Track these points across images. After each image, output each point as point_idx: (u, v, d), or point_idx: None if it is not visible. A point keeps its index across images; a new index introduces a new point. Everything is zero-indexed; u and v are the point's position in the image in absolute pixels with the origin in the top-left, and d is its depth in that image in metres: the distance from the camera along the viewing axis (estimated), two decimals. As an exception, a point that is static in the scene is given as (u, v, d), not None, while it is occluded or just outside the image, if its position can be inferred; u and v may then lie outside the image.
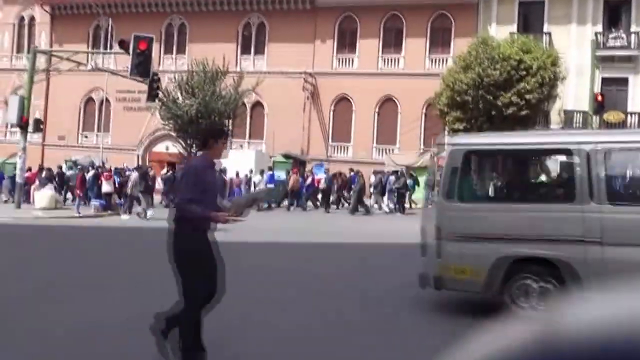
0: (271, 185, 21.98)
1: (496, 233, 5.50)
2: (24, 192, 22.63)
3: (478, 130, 23.30)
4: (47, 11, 35.45)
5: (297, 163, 27.78)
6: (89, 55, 31.77)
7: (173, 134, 32.06)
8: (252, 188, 22.98)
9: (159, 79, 23.46)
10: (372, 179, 23.31)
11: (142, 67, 16.25)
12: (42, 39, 36.06)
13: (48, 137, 35.51)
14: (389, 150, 29.59)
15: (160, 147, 34.14)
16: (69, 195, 20.71)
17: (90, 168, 25.66)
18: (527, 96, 22.11)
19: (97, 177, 17.57)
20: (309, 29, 30.67)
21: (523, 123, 23.53)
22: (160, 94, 27.84)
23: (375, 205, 21.71)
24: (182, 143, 28.33)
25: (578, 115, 26.56)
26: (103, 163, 29.50)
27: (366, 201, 21.33)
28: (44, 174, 20.98)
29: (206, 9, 32.65)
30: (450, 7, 28.23)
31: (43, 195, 17.63)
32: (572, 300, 0.66)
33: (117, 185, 17.93)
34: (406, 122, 29.11)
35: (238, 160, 24.88)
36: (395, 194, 21.28)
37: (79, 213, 16.23)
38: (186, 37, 33.16)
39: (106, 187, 17.21)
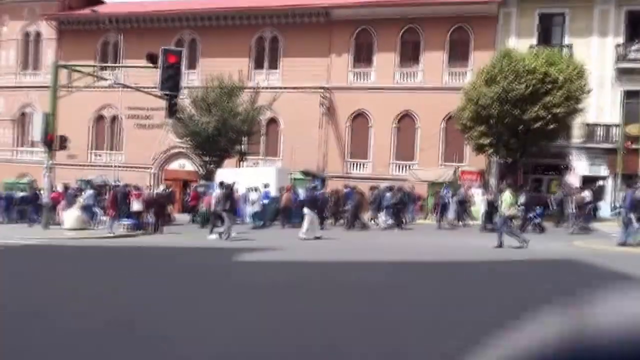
0: (265, 202, 21.56)
1: None
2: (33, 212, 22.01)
3: (504, 146, 22.94)
4: (53, 26, 34.86)
5: (317, 179, 27.15)
6: (110, 70, 31.04)
7: (189, 151, 31.59)
8: (250, 205, 22.45)
9: (177, 95, 22.87)
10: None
11: (171, 82, 15.72)
12: (49, 55, 35.44)
13: (58, 156, 34.53)
14: (408, 166, 29.07)
15: (174, 165, 33.51)
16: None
17: (110, 187, 25.12)
18: (554, 110, 21.69)
19: (126, 196, 16.92)
20: (323, 42, 30.25)
21: (549, 137, 23.16)
22: (174, 111, 27.45)
23: (372, 222, 21.11)
24: (199, 160, 27.75)
25: (600, 129, 26.23)
26: (118, 181, 28.89)
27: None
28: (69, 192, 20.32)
29: (217, 23, 32.22)
30: (469, 20, 27.89)
31: (71, 216, 16.98)
32: (604, 296, 0.58)
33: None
34: (425, 138, 28.64)
35: (258, 177, 24.23)
36: (392, 209, 20.85)
37: (113, 232, 15.57)
38: (197, 52, 32.64)
39: (136, 206, 16.61)
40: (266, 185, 22.87)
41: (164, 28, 33.19)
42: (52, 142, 17.50)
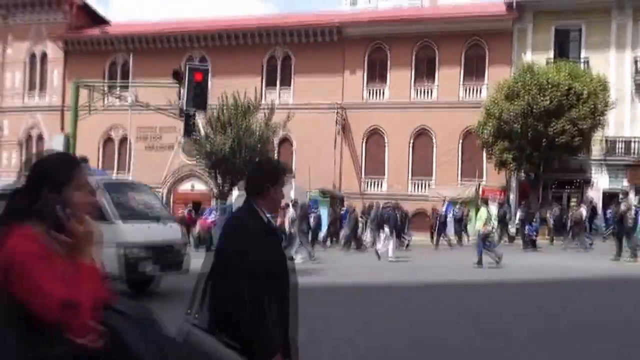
0: None
1: None
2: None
3: (526, 161, 22.61)
4: (60, 47, 34.45)
5: (335, 199, 26.72)
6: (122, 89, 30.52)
7: (202, 172, 31.02)
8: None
9: (194, 114, 22.42)
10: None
11: (198, 100, 15.24)
12: (55, 76, 35.03)
13: (64, 177, 34.10)
14: (426, 183, 28.70)
15: (185, 186, 32.95)
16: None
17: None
18: (580, 123, 21.46)
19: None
20: (337, 60, 30.02)
21: (571, 152, 22.90)
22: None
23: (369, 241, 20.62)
24: (213, 181, 27.19)
25: (621, 143, 26.02)
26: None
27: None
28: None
29: (228, 42, 31.95)
30: (484, 35, 27.79)
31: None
32: None
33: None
34: (442, 154, 28.30)
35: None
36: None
37: None
38: (209, 71, 32.17)
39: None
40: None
41: (174, 48, 32.88)
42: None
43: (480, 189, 24.75)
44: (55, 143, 16.97)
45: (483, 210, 13.55)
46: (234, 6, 60.58)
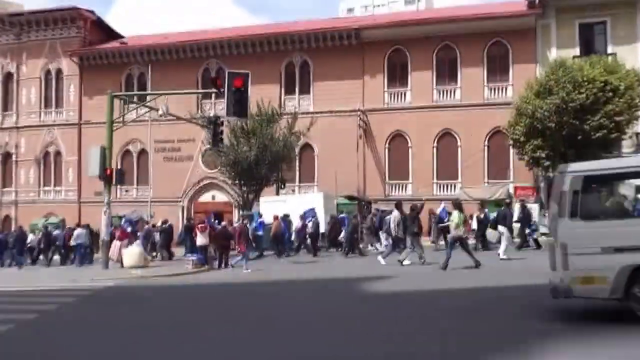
0: (260, 232, 20.63)
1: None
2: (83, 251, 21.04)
3: (561, 158, 22.02)
4: (75, 62, 34.29)
5: (362, 203, 26.25)
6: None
7: (223, 182, 30.65)
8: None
9: (222, 123, 22.11)
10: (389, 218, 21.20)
11: (239, 106, 14.88)
12: (71, 92, 34.86)
13: (84, 193, 33.80)
14: (452, 185, 28.20)
15: (206, 197, 32.54)
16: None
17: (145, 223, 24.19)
18: (617, 118, 20.94)
19: (190, 230, 15.85)
20: (356, 64, 29.68)
21: (606, 147, 22.31)
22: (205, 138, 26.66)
23: (370, 247, 20.07)
24: (238, 190, 26.76)
25: (651, 137, 25.43)
26: (151, 216, 27.90)
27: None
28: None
29: (245, 51, 31.68)
30: (506, 34, 27.40)
31: (131, 253, 15.90)
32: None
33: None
34: (468, 155, 27.80)
35: (306, 203, 23.25)
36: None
37: (247, 269, 14.17)
38: (225, 81, 31.85)
39: (201, 240, 15.50)
40: (286, 216, 21.80)
41: (190, 58, 32.68)
42: (111, 176, 16.47)
43: (513, 189, 24.22)
44: (92, 156, 16.54)
45: (455, 214, 13.15)
46: (226, 21, 60.55)
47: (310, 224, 21.01)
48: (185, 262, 15.66)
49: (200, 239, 15.64)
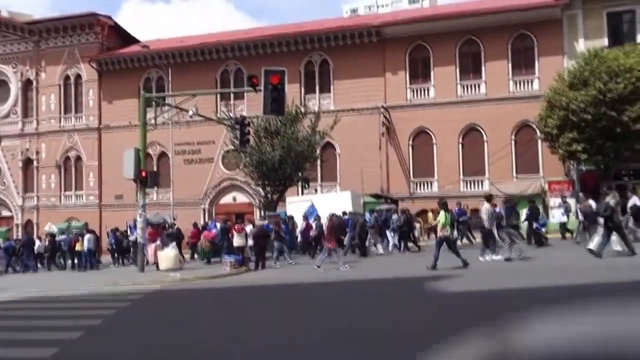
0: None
1: None
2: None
3: (598, 151, 21.58)
4: (94, 67, 34.22)
5: (390, 202, 25.87)
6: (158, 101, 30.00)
7: (244, 183, 30.44)
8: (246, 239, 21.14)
9: (249, 123, 21.87)
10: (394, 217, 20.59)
11: (276, 104, 14.55)
12: (90, 97, 34.80)
13: (105, 197, 33.74)
14: (479, 182, 27.75)
15: (227, 199, 32.33)
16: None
17: (167, 225, 24.03)
18: (659, 108, 20.41)
19: (227, 231, 15.57)
20: (377, 61, 29.35)
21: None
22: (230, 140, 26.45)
23: (373, 248, 19.66)
24: (262, 191, 26.47)
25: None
26: (174, 219, 27.69)
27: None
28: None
29: (263, 52, 31.45)
30: (531, 26, 26.93)
31: (167, 256, 15.66)
32: (528, 320, 0.65)
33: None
34: (495, 150, 27.35)
35: (334, 202, 22.92)
36: (398, 233, 19.69)
37: (344, 266, 13.71)
38: (244, 82, 31.63)
39: (238, 241, 15.21)
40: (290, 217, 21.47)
41: (208, 60, 32.53)
42: (146, 178, 16.22)
43: (546, 184, 23.75)
44: (126, 158, 16.32)
45: (441, 214, 12.99)
46: (229, 26, 60.53)
47: (314, 224, 20.69)
48: (223, 263, 15.37)
49: (238, 240, 15.35)
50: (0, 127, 36.20)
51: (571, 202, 20.90)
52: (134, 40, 36.57)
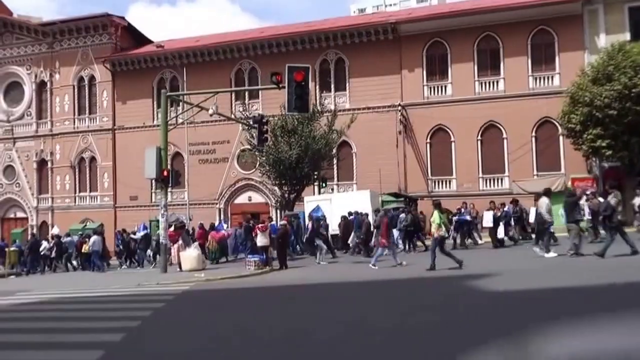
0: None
1: None
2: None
3: (624, 147, 21.15)
4: (108, 68, 34.15)
5: (409, 201, 25.53)
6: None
7: (259, 183, 30.26)
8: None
9: (267, 122, 21.61)
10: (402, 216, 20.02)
11: (301, 101, 14.28)
12: (104, 98, 34.73)
13: (119, 198, 33.65)
14: (498, 179, 27.36)
15: (242, 199, 32.10)
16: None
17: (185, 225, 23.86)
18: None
19: (250, 230, 15.32)
20: (393, 59, 29.02)
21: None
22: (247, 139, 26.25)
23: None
24: (278, 191, 26.24)
25: None
26: (190, 219, 27.50)
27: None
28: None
29: (278, 50, 31.21)
30: (551, 21, 26.49)
31: (190, 256, 15.43)
32: (546, 334, 0.65)
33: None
34: (515, 147, 26.93)
35: (353, 201, 22.62)
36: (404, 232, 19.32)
37: (401, 263, 13.40)
38: (258, 81, 31.46)
39: (262, 240, 14.96)
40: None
41: (222, 60, 32.35)
42: (168, 177, 16.00)
43: (570, 180, 23.29)
44: (148, 157, 16.11)
45: (435, 214, 12.78)
46: (234, 27, 60.41)
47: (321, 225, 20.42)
48: (246, 263, 15.11)
49: (261, 240, 15.10)
50: (14, 129, 36.26)
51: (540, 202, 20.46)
52: (147, 41, 36.47)
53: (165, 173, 15.82)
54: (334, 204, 23.51)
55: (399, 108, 28.42)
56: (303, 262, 17.13)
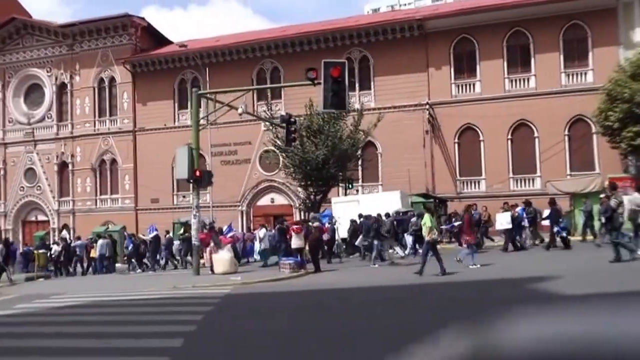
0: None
1: None
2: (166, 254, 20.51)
3: (664, 144, 20.27)
4: (128, 69, 33.89)
5: (438, 202, 24.84)
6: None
7: (282, 184, 29.77)
8: (258, 243, 20.20)
9: (295, 121, 21.07)
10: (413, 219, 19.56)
11: (337, 98, 13.69)
12: (125, 99, 34.48)
13: (140, 201, 33.33)
14: (529, 179, 26.57)
15: (264, 200, 31.59)
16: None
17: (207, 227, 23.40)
18: None
19: (284, 232, 14.79)
20: (419, 56, 28.38)
21: None
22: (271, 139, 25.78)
23: (391, 251, 18.55)
24: (303, 192, 25.68)
25: None
26: (213, 221, 27.04)
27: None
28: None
29: (300, 49, 30.72)
30: (584, 15, 25.70)
31: (223, 259, 14.92)
32: (508, 316, 0.71)
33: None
34: (546, 147, 26.13)
35: (383, 203, 21.95)
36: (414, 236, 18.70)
37: (475, 264, 12.58)
38: (281, 80, 30.98)
39: (297, 242, 14.40)
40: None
41: (243, 59, 31.93)
42: (200, 178, 15.50)
43: (606, 180, 22.45)
44: (179, 157, 15.63)
45: (427, 217, 12.64)
46: (245, 29, 60.11)
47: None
48: (281, 266, 14.55)
49: (296, 241, 14.53)
50: (35, 132, 36.14)
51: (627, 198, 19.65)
52: (166, 42, 36.20)
53: (197, 173, 15.30)
54: (362, 205, 22.87)
55: (427, 107, 27.74)
56: (335, 265, 16.56)
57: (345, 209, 22.80)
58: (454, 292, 9.47)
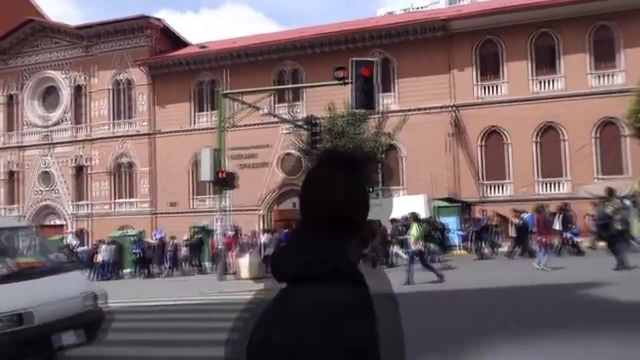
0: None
1: None
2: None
3: None
4: (145, 72, 33.60)
5: (464, 206, 24.21)
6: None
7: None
8: (262, 249, 19.51)
9: (318, 123, 20.61)
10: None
11: (367, 98, 13.23)
12: (142, 102, 34.19)
13: (158, 205, 32.96)
14: (557, 183, 25.84)
15: (286, 205, 31.03)
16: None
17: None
18: None
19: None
20: (442, 58, 27.79)
21: None
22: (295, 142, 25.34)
23: (397, 257, 18.03)
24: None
25: None
26: (234, 226, 26.59)
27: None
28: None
29: (320, 50, 30.26)
30: (613, 15, 24.99)
31: (249, 264, 14.42)
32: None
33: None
34: (574, 150, 25.40)
35: (408, 207, 21.33)
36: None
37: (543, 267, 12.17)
38: (302, 81, 30.49)
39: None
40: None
41: (261, 61, 31.48)
42: (225, 179, 15.03)
43: (638, 184, 21.72)
44: (204, 158, 15.19)
45: (414, 227, 12.60)
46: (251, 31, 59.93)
47: None
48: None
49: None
50: (52, 134, 35.96)
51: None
52: (184, 44, 35.89)
53: (221, 174, 14.84)
54: (385, 209, 22.30)
55: (452, 109, 27.12)
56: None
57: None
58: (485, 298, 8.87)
